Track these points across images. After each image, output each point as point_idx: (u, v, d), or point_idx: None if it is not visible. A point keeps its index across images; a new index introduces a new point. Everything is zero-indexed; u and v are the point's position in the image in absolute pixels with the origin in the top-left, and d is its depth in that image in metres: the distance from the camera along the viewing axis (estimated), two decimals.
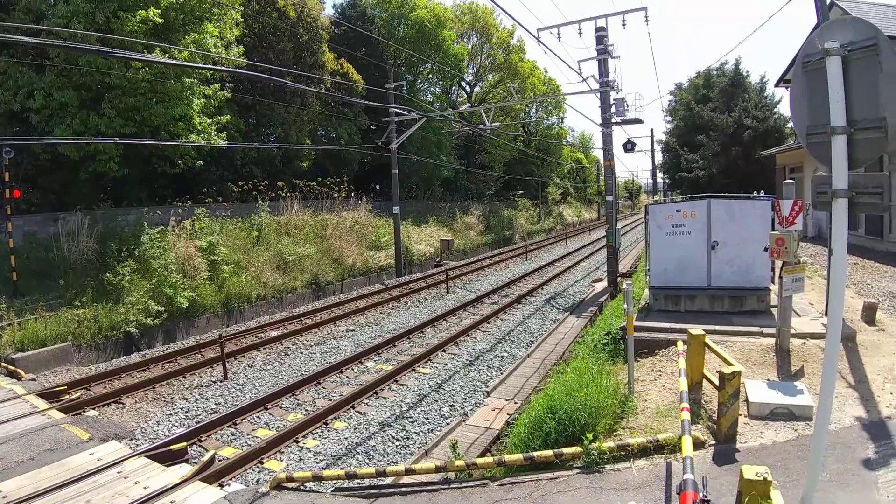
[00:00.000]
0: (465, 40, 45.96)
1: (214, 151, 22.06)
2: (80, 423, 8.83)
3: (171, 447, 7.81)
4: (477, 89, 49.21)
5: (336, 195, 27.44)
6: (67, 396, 10.42)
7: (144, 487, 6.40)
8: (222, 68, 17.08)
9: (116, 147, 16.59)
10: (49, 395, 10.26)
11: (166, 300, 15.66)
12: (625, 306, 7.80)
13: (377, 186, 37.44)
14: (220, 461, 7.65)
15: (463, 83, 48.07)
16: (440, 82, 42.62)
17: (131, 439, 8.76)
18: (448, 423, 9.08)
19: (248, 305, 18.59)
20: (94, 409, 10.03)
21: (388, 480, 6.66)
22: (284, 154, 26.49)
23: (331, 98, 28.67)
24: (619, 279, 19.36)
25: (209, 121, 19.25)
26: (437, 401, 10.33)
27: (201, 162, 20.31)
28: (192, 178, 21.90)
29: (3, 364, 11.94)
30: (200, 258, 17.99)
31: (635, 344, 8.01)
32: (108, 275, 15.18)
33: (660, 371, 8.54)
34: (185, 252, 17.69)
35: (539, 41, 18.82)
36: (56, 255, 15.77)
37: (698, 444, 5.83)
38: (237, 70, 17.13)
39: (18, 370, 11.72)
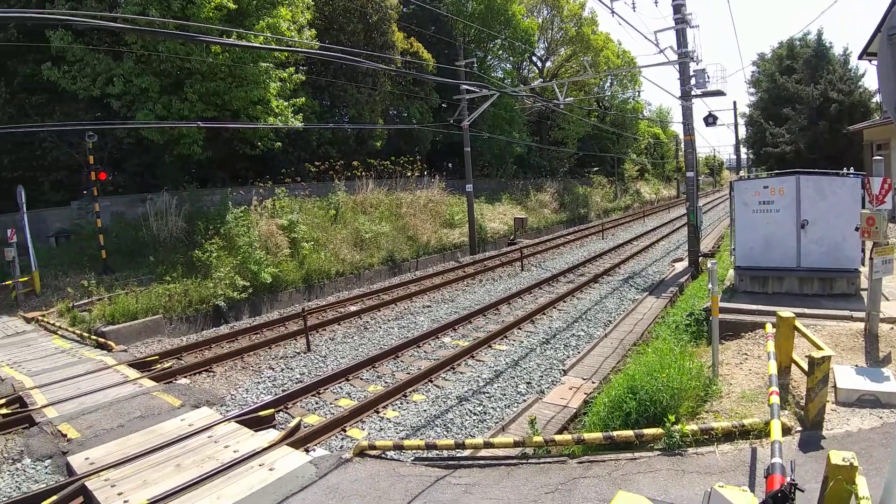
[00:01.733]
0: (535, 14, 44.93)
1: (291, 133, 22.68)
2: (172, 390, 9.33)
3: (260, 413, 8.16)
4: (548, 64, 48.15)
5: (409, 174, 27.70)
6: (159, 366, 11.02)
7: (234, 451, 6.70)
8: (297, 49, 17.43)
9: (199, 130, 17.33)
10: (140, 365, 10.87)
11: (251, 275, 16.36)
12: (710, 286, 7.48)
13: (449, 165, 37.46)
14: (305, 428, 7.92)
15: (534, 58, 47.17)
16: (510, 58, 41.89)
17: (221, 406, 9.20)
18: (525, 400, 9.05)
19: (328, 281, 19.16)
20: (185, 377, 10.57)
21: (467, 452, 6.71)
22: (358, 134, 26.91)
23: (402, 77, 28.79)
24: (700, 259, 18.62)
25: (286, 103, 19.79)
26: (513, 377, 10.29)
27: (279, 143, 20.95)
28: (272, 160, 22.63)
29: (94, 336, 12.74)
30: (282, 236, 18.65)
31: (720, 326, 7.74)
32: (196, 252, 15.99)
33: (745, 354, 8.23)
34: (268, 230, 18.38)
35: (613, 12, 18.13)
36: (146, 234, 16.74)
37: (785, 430, 5.59)
38: (311, 52, 17.43)
39: (109, 342, 12.46)
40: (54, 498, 5.85)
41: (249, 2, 17.81)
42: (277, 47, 16.89)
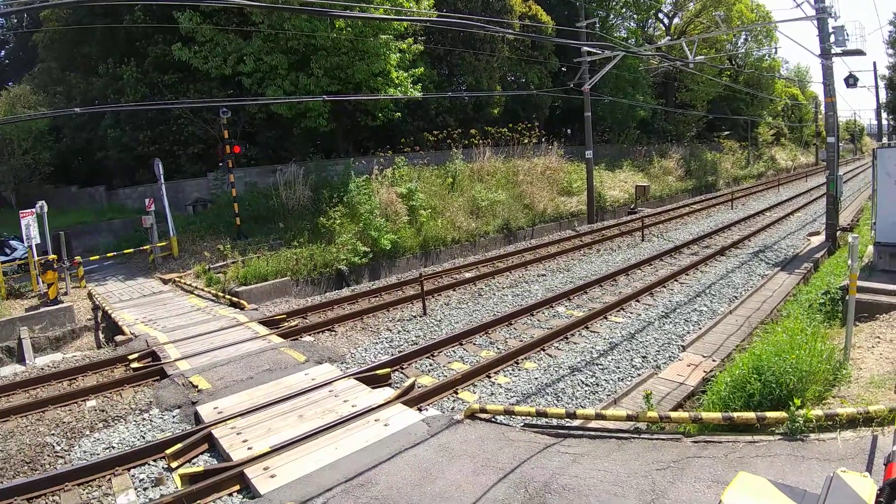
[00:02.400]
0: None
1: (411, 103, 23.12)
2: (297, 347, 10.00)
3: (377, 372, 8.59)
4: (676, 20, 45.11)
5: (526, 141, 27.38)
6: (286, 324, 11.79)
7: (352, 406, 7.13)
8: (416, 19, 17.60)
9: (325, 104, 18.10)
10: (269, 323, 11.66)
11: (371, 242, 17.10)
12: (850, 262, 6.90)
13: (568, 131, 36.52)
14: (419, 388, 8.24)
15: (660, 14, 44.41)
16: (634, 16, 39.74)
17: (342, 363, 9.75)
18: (640, 374, 8.82)
19: (444, 248, 19.58)
20: (310, 335, 11.27)
21: (577, 423, 6.68)
22: (475, 102, 26.90)
23: (520, 42, 28.27)
24: (838, 233, 17.01)
25: (405, 74, 20.16)
26: (628, 350, 10.04)
27: (399, 114, 21.48)
28: (391, 130, 23.27)
29: (228, 296, 13.81)
30: (400, 203, 19.24)
31: (855, 307, 7.19)
32: (321, 219, 16.94)
33: (878, 338, 7.63)
34: (387, 198, 19.04)
35: None
36: (276, 202, 17.90)
37: None
38: (429, 20, 17.57)
39: (241, 301, 13.43)
40: (178, 446, 6.40)
41: None
42: (397, 17, 17.18)
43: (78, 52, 23.06)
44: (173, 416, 7.65)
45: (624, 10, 38.33)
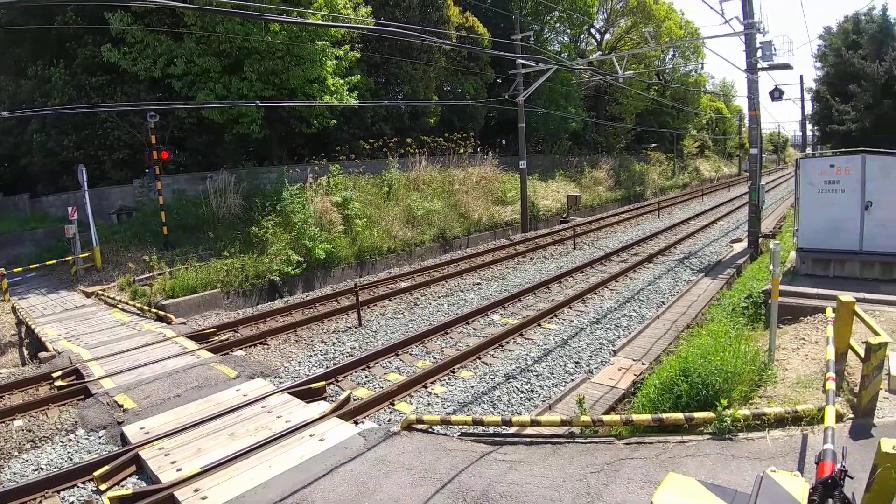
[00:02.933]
0: None
1: (347, 111, 22.92)
2: (228, 362, 9.69)
3: (311, 385, 8.43)
4: (607, 36, 46.73)
5: (462, 150, 27.62)
6: (216, 338, 11.42)
7: (286, 421, 6.95)
8: (353, 26, 17.50)
9: (258, 110, 17.71)
10: (198, 338, 11.27)
11: (305, 251, 16.79)
12: (771, 268, 7.26)
13: (503, 141, 37.10)
14: (355, 401, 8.14)
15: (592, 30, 45.87)
16: (568, 30, 40.84)
17: (275, 377, 9.52)
18: (573, 380, 9.02)
19: (380, 257, 19.46)
20: (241, 349, 10.97)
21: (513, 430, 6.77)
22: (412, 111, 26.95)
23: (456, 53, 28.55)
24: (760, 240, 17.97)
25: (341, 81, 19.98)
26: (562, 356, 10.26)
27: (335, 121, 21.24)
28: (327, 137, 22.97)
29: (154, 310, 13.22)
30: (336, 212, 19.01)
31: (779, 309, 7.54)
32: (253, 228, 16.51)
33: (803, 339, 8.02)
34: (322, 207, 18.77)
35: None
36: (206, 211, 17.31)
37: (837, 417, 5.45)
38: (366, 27, 17.49)
39: (168, 315, 12.90)
40: (106, 468, 6.14)
41: None
42: (334, 24, 17.03)
43: (9, 54, 21.69)
44: (99, 437, 7.31)
45: (558, 24, 39.34)
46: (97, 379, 8.91)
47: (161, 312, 13.05)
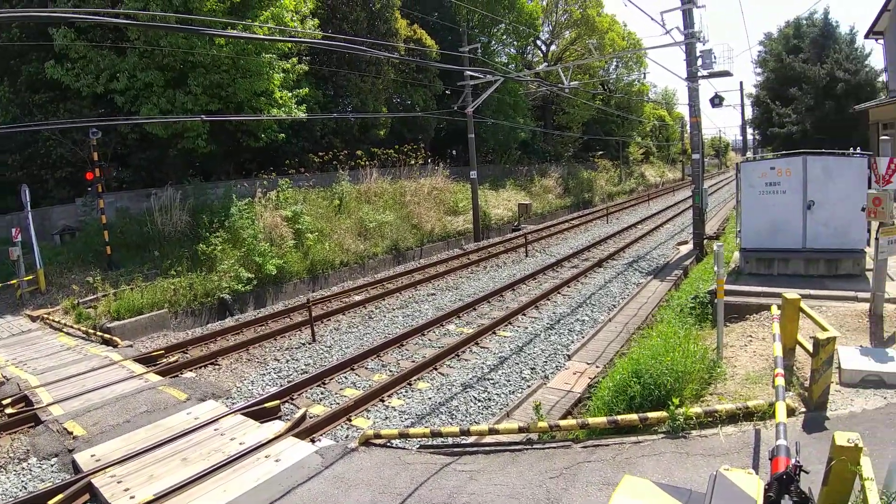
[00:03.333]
0: None
1: (295, 124, 22.66)
2: (178, 384, 9.40)
3: (265, 405, 8.25)
4: (553, 48, 47.69)
5: (413, 162, 27.67)
6: (164, 360, 11.08)
7: (240, 443, 6.78)
8: (301, 40, 17.36)
9: (203, 124, 17.33)
10: (146, 360, 10.92)
11: (256, 267, 16.46)
12: (716, 269, 7.49)
13: (453, 152, 37.33)
14: (310, 418, 8.01)
15: (538, 42, 46.71)
16: (515, 42, 41.52)
17: (227, 398, 9.29)
18: (529, 386, 9.10)
19: (332, 271, 19.25)
20: (191, 371, 10.65)
21: (472, 439, 6.77)
22: (362, 123, 26.85)
23: (405, 65, 28.66)
24: (705, 241, 18.57)
25: (289, 94, 19.77)
26: (517, 363, 10.35)
27: (283, 135, 20.96)
28: (275, 151, 22.64)
29: (99, 333, 12.73)
30: (286, 227, 18.73)
31: (725, 308, 7.75)
32: (201, 245, 16.09)
33: (750, 337, 8.25)
34: (272, 222, 18.46)
35: None
36: (150, 229, 16.81)
37: (789, 412, 5.61)
38: (314, 41, 17.35)
39: (114, 338, 12.46)
40: (60, 497, 5.93)
41: None
42: (280, 38, 16.84)
43: None
44: (51, 465, 7.05)
45: (505, 37, 39.93)
46: (46, 406, 8.60)
47: (107, 336, 12.59)
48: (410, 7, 31.12)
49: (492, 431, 6.45)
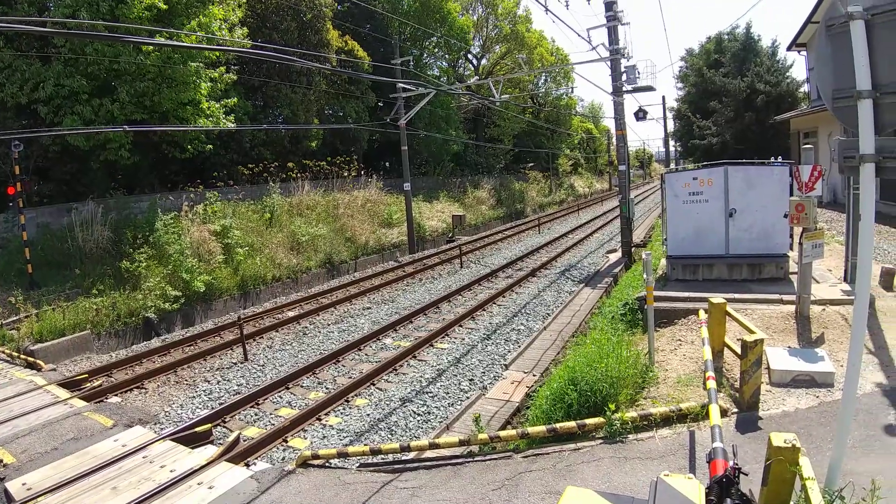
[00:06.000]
0: (471, 12, 45.16)
1: (223, 135, 22.01)
2: (103, 410, 8.93)
3: (196, 429, 7.91)
4: (484, 62, 48.52)
5: (346, 174, 27.39)
6: (89, 385, 10.50)
7: (171, 471, 6.48)
8: (229, 49, 16.90)
9: (127, 135, 16.58)
10: (70, 385, 10.32)
11: (183, 285, 15.78)
12: (644, 276, 7.73)
13: (387, 164, 37.25)
14: (244, 441, 7.74)
15: (469, 56, 47.44)
16: (446, 56, 42.03)
17: (155, 424, 8.87)
18: (468, 397, 9.13)
19: (264, 287, 18.71)
20: (116, 395, 10.12)
21: (412, 455, 6.70)
22: (293, 135, 26.37)
23: (337, 76, 28.41)
24: (633, 249, 19.24)
25: (217, 104, 19.19)
26: (456, 375, 10.37)
27: (210, 146, 20.28)
28: (203, 163, 21.91)
29: (23, 356, 11.99)
30: (214, 242, 18.08)
31: (654, 314, 7.96)
32: (124, 262, 15.29)
33: (679, 340, 8.51)
34: (199, 236, 17.78)
35: (547, 9, 18.56)
36: (72, 246, 15.88)
37: (721, 412, 5.78)
38: (243, 51, 16.97)
39: (38, 361, 11.76)
40: None
41: (179, 1, 17.14)
42: (208, 47, 16.37)
43: None
44: None
45: (437, 50, 40.31)
46: None
47: (31, 359, 11.86)
48: (343, 18, 30.95)
49: (432, 446, 6.41)
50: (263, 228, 20.98)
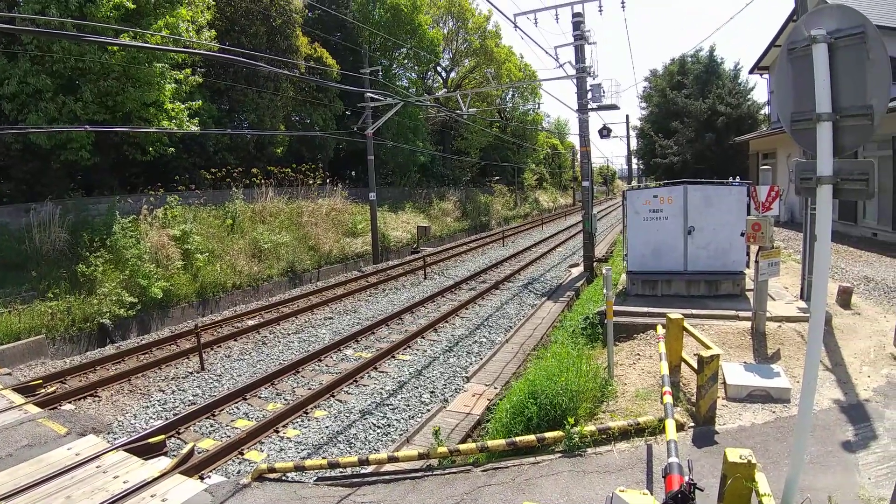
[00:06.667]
0: (441, 25, 45.48)
1: (186, 138, 21.62)
2: (57, 417, 8.67)
3: (149, 440, 7.73)
4: (453, 75, 48.86)
5: (311, 182, 27.15)
6: (43, 391, 10.19)
7: (124, 482, 6.31)
8: (196, 51, 16.65)
9: (88, 135, 16.16)
10: (24, 390, 10.02)
11: (140, 290, 15.38)
12: (605, 291, 7.83)
13: (353, 173, 37.10)
14: (199, 453, 7.58)
15: (439, 68, 47.70)
16: (416, 67, 42.20)
17: (109, 433, 8.62)
18: (429, 410, 9.11)
19: (224, 294, 18.35)
20: (70, 402, 9.82)
21: (371, 468, 6.66)
22: (258, 140, 26.06)
23: (305, 83, 28.23)
24: (595, 264, 19.53)
25: (181, 106, 18.84)
26: (417, 387, 10.34)
27: (173, 149, 19.87)
28: (164, 166, 21.45)
29: None
30: (174, 247, 17.68)
31: (614, 328, 8.08)
32: (80, 266, 14.83)
33: (638, 355, 8.65)
34: (158, 241, 17.37)
35: (516, 26, 18.74)
36: (29, 247, 15.37)
37: (678, 427, 5.89)
38: (210, 53, 16.62)
39: None
40: None
41: (147, 1, 16.81)
42: (175, 48, 16.05)
43: None
44: None
45: (406, 61, 40.43)
46: None
47: None
48: (312, 25, 30.84)
49: (392, 459, 6.37)
50: (225, 235, 20.61)
